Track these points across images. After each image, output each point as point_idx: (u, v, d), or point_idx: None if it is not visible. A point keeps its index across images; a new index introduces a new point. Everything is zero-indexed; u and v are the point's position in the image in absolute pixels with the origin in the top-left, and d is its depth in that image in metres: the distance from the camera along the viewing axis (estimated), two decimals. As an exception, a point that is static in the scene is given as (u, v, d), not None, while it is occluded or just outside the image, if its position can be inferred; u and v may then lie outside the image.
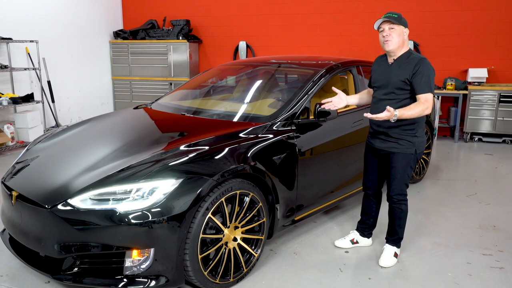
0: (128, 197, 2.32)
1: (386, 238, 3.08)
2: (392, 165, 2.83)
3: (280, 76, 4.10)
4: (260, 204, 2.75)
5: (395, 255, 3.00)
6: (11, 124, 6.15)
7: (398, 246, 3.03)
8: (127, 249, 2.31)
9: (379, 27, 2.75)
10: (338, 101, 2.97)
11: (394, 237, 3.01)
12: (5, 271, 2.82)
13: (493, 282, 2.78)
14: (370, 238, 3.25)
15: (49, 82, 6.91)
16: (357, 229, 3.26)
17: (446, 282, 2.77)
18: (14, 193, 2.54)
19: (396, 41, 2.71)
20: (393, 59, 2.79)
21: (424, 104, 2.62)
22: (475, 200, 4.26)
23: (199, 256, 2.42)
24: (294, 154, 3.01)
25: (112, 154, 2.72)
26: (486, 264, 3.01)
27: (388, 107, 2.55)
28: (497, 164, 5.63)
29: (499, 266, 2.98)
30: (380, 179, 3.04)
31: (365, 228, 3.22)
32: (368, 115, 2.62)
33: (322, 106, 2.98)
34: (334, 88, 3.03)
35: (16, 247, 2.64)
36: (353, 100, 3.09)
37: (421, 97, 2.65)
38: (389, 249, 3.01)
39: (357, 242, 3.22)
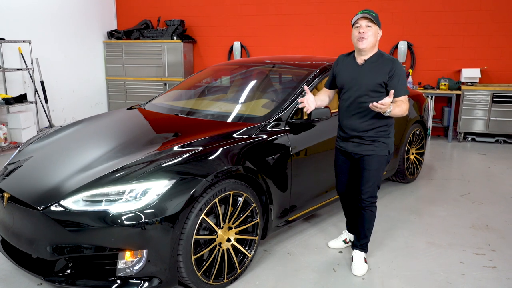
0: (121, 198, 2.31)
1: (353, 244, 2.99)
2: (367, 167, 2.76)
3: (274, 77, 4.10)
4: (254, 204, 2.75)
5: (365, 260, 2.94)
6: (3, 125, 6.10)
7: (366, 250, 2.97)
8: (120, 251, 2.30)
9: (355, 22, 2.64)
10: (311, 103, 2.76)
11: (363, 241, 2.93)
12: (-3, 273, 2.80)
13: (486, 281, 2.80)
14: None
15: (42, 83, 6.87)
16: (348, 230, 3.25)
17: (439, 282, 2.78)
18: (6, 195, 2.52)
19: (371, 40, 2.62)
20: (364, 59, 2.70)
21: (406, 104, 2.63)
22: (468, 200, 4.28)
23: (193, 257, 2.42)
24: (288, 154, 3.02)
25: (105, 155, 2.71)
26: (479, 264, 3.02)
27: (391, 92, 2.48)
28: (490, 163, 5.66)
29: (491, 266, 3.00)
30: (355, 182, 2.95)
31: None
32: (374, 104, 2.45)
33: (300, 106, 2.81)
34: (305, 87, 2.84)
35: (8, 249, 2.62)
36: (321, 102, 2.92)
37: (400, 99, 2.62)
38: (360, 255, 2.93)
39: (350, 242, 3.21)
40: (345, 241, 3.21)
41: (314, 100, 2.79)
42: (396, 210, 3.97)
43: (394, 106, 2.55)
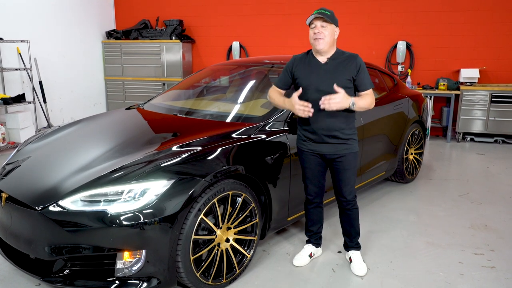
0: (120, 198, 2.30)
1: (347, 245, 2.98)
2: (346, 167, 2.73)
3: (273, 76, 4.09)
4: (253, 204, 2.74)
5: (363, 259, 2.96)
6: (2, 125, 6.09)
7: (360, 247, 2.98)
8: (118, 251, 2.29)
9: (310, 23, 2.62)
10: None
11: (356, 239, 2.94)
12: (-5, 273, 2.79)
13: (485, 281, 2.80)
14: (320, 247, 3.15)
15: (40, 83, 6.86)
16: (311, 242, 3.07)
17: (438, 282, 2.78)
18: (4, 195, 2.51)
19: (328, 40, 2.59)
20: (327, 58, 2.67)
21: (372, 96, 2.66)
22: (467, 200, 4.28)
23: (191, 257, 2.41)
24: (287, 154, 3.01)
25: (104, 155, 2.70)
26: (478, 264, 3.02)
27: (335, 85, 2.49)
28: (488, 163, 5.66)
29: (490, 266, 3.00)
30: (324, 184, 2.91)
31: (318, 238, 3.08)
32: (324, 103, 2.46)
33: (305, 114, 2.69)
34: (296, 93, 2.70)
35: (6, 249, 2.61)
36: None
37: (365, 93, 2.67)
38: (357, 255, 2.94)
39: (313, 255, 3.06)
40: (310, 256, 3.02)
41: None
42: (395, 210, 3.97)
43: (358, 98, 2.59)
